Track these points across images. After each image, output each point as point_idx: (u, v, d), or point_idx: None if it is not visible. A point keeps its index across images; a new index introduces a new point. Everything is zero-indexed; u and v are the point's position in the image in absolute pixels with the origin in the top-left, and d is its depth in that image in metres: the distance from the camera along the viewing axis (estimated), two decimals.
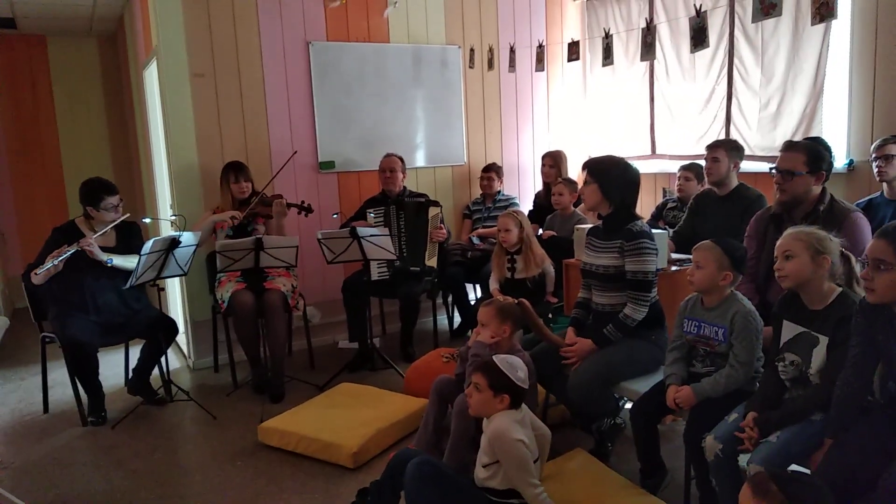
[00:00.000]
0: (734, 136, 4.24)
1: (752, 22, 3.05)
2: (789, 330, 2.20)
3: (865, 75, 3.57)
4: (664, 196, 4.77)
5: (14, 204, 6.69)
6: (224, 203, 4.19)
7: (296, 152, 4.50)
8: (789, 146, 2.73)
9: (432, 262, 4.48)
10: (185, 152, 4.37)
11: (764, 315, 2.42)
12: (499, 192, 5.12)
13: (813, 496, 1.52)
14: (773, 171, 2.72)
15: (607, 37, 4.19)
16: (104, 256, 3.63)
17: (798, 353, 2.15)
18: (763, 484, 1.52)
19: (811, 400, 2.05)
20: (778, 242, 2.18)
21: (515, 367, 2.30)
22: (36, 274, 3.46)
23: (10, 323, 3.29)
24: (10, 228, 6.67)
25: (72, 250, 3.50)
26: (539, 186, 5.39)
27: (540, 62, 4.98)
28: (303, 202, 4.19)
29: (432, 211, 4.45)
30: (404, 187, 4.69)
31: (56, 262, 3.43)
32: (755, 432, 2.04)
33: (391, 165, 4.57)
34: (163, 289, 3.84)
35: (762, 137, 4.14)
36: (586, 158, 5.54)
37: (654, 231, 2.88)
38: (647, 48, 3.68)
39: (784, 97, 3.97)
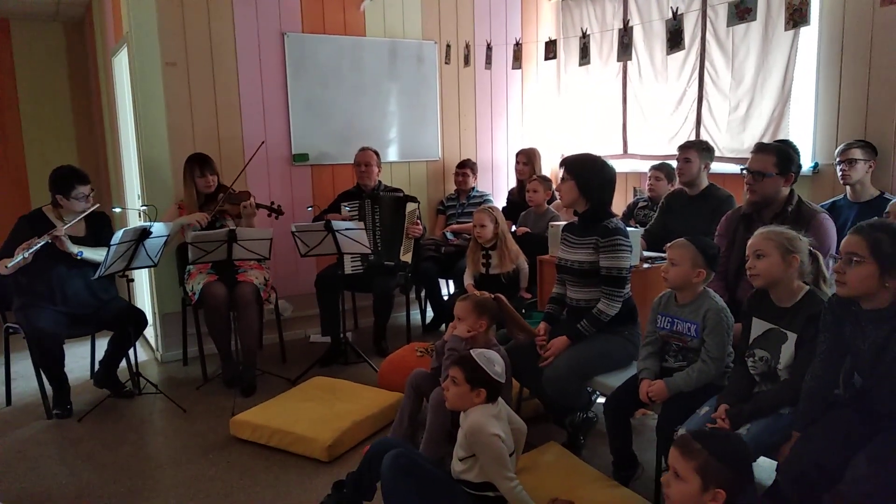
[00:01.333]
0: (704, 137, 4.33)
1: (728, 26, 3.13)
2: (758, 327, 2.26)
3: (831, 81, 3.68)
4: (635, 195, 4.85)
5: None
6: (188, 198, 4.09)
7: (263, 143, 4.45)
8: (760, 148, 2.81)
9: (407, 257, 4.49)
10: (155, 142, 4.29)
11: (734, 312, 2.48)
12: (473, 188, 5.15)
13: (732, 448, 1.64)
14: (745, 171, 2.80)
15: (584, 36, 4.23)
16: (74, 249, 3.55)
17: (767, 349, 2.21)
18: (687, 444, 1.62)
19: (780, 394, 2.12)
20: (749, 242, 2.24)
21: (493, 361, 2.32)
22: (6, 267, 3.36)
23: None
24: None
25: (42, 242, 3.40)
26: (513, 183, 5.43)
27: (517, 60, 5.02)
28: (272, 203, 4.14)
29: (410, 206, 4.45)
30: (379, 181, 4.68)
31: (27, 255, 3.34)
32: (726, 423, 2.10)
33: (366, 160, 4.56)
34: (132, 279, 3.78)
35: (731, 139, 4.24)
36: (559, 156, 5.68)
37: (627, 229, 2.93)
38: (624, 49, 3.74)
39: (753, 100, 4.07)
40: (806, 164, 3.76)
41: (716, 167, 3.96)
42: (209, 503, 2.73)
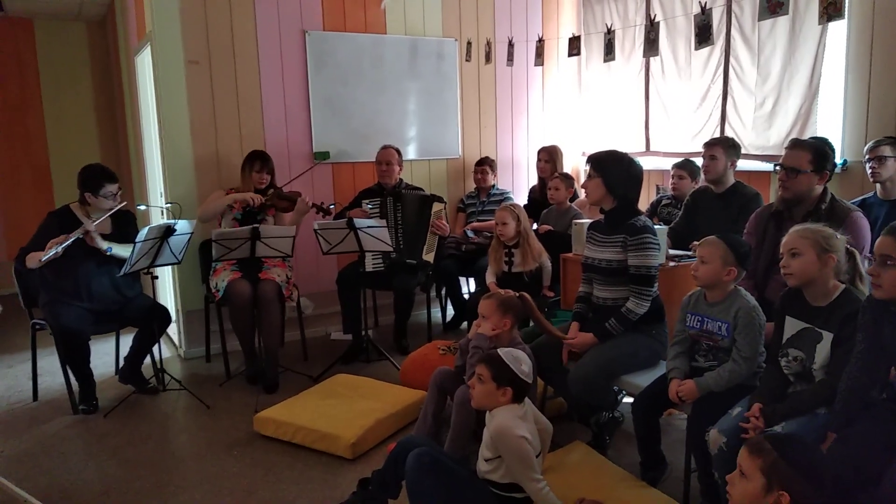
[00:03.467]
0: (729, 134, 4.27)
1: (759, 20, 3.08)
2: (792, 326, 2.22)
3: (861, 76, 3.61)
4: (658, 193, 4.80)
5: None
6: (244, 188, 4.17)
7: (313, 166, 4.58)
8: (795, 144, 2.76)
9: (429, 256, 4.47)
10: (178, 140, 4.32)
11: (763, 311, 2.44)
12: (493, 185, 5.12)
13: (804, 453, 1.61)
14: (778, 167, 2.75)
15: (609, 32, 4.20)
16: (104, 244, 3.59)
17: (801, 348, 2.17)
18: (758, 443, 1.61)
19: (817, 394, 2.08)
20: (783, 240, 2.20)
21: (520, 360, 2.30)
22: (40, 260, 3.39)
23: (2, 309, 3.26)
24: None
25: (74, 237, 3.44)
26: (533, 181, 5.40)
27: (539, 56, 4.99)
28: (322, 203, 4.19)
29: (436, 206, 4.44)
30: (400, 179, 4.67)
31: (59, 249, 3.37)
32: (760, 422, 2.07)
33: (388, 158, 4.55)
34: (156, 277, 3.81)
35: (757, 136, 4.18)
36: (581, 154, 5.64)
37: (655, 227, 2.89)
38: (650, 44, 3.69)
39: (780, 97, 4.01)
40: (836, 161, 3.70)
41: (741, 164, 3.90)
42: (234, 499, 2.73)
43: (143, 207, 5.09)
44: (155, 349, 3.84)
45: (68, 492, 2.81)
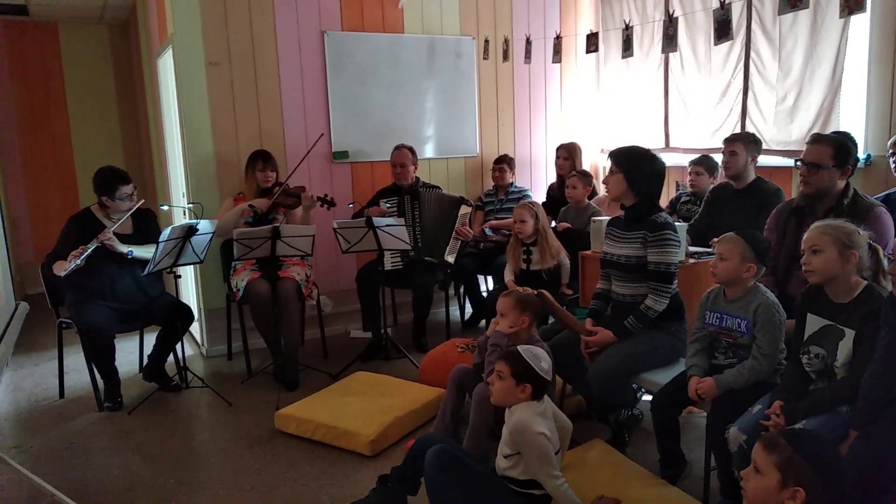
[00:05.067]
0: (750, 129, 4.22)
1: (779, 14, 3.04)
2: (814, 323, 2.20)
3: (884, 70, 3.56)
4: (677, 190, 4.77)
5: (25, 191, 6.71)
6: (249, 190, 4.21)
7: (322, 135, 4.50)
8: (817, 139, 2.73)
9: (451, 258, 4.47)
10: (200, 141, 4.37)
11: (784, 308, 2.42)
12: (511, 183, 5.12)
13: (820, 449, 1.60)
14: (799, 163, 2.72)
15: (628, 28, 4.17)
16: (124, 249, 3.64)
17: (823, 346, 2.15)
18: (773, 439, 1.61)
19: (838, 392, 2.06)
20: (805, 236, 2.18)
21: (539, 357, 2.30)
22: (62, 272, 3.47)
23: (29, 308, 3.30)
24: (22, 215, 6.69)
25: (93, 247, 3.50)
26: (552, 178, 5.39)
27: (557, 54, 4.97)
28: (325, 195, 4.20)
29: (464, 209, 4.45)
30: (417, 178, 4.69)
31: (79, 262, 3.44)
32: (781, 419, 2.05)
33: (402, 160, 4.56)
34: (179, 276, 3.86)
35: (778, 131, 4.13)
36: (600, 151, 5.61)
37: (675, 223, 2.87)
38: (669, 40, 3.67)
39: (801, 91, 3.96)
40: (859, 155, 3.65)
41: (762, 160, 3.85)
42: (256, 495, 2.77)
43: (165, 208, 5.17)
44: (178, 347, 3.89)
45: (93, 487, 2.87)
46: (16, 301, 5.65)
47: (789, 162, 3.93)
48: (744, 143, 3.58)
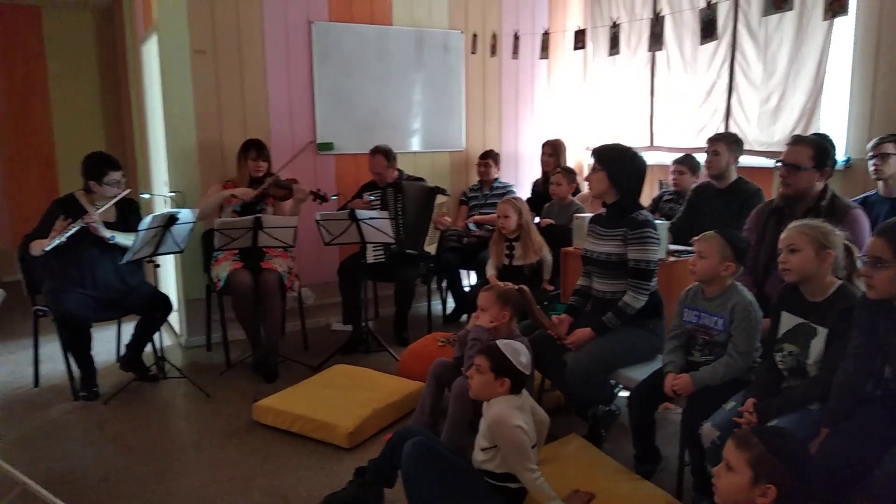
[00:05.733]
0: (733, 130, 4.25)
1: (763, 16, 3.07)
2: (788, 321, 2.23)
3: (866, 73, 3.59)
4: (661, 188, 4.79)
5: (4, 177, 6.60)
6: (240, 178, 4.16)
7: (311, 142, 4.52)
8: (797, 140, 2.75)
9: (431, 248, 4.48)
10: (183, 129, 4.33)
11: (762, 307, 2.44)
12: (496, 179, 5.12)
13: (791, 446, 1.60)
14: (779, 164, 2.74)
15: (614, 26, 4.18)
16: (107, 233, 3.60)
17: (796, 343, 2.18)
18: (745, 437, 1.61)
19: (810, 390, 2.09)
20: (782, 235, 2.20)
21: (518, 352, 2.31)
22: (43, 250, 3.42)
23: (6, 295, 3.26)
24: (0, 202, 6.58)
25: (77, 227, 3.46)
26: (537, 174, 5.40)
27: (544, 50, 4.97)
28: (318, 190, 4.18)
29: (440, 199, 4.44)
30: (400, 171, 4.68)
31: (62, 239, 3.40)
32: (754, 417, 2.07)
33: (377, 169, 4.52)
34: (158, 265, 3.83)
35: (761, 132, 4.17)
36: (585, 148, 5.62)
37: (656, 221, 2.89)
38: (656, 39, 3.68)
39: (785, 92, 3.99)
40: (838, 157, 3.69)
41: (745, 160, 3.88)
42: (232, 486, 2.76)
43: (146, 196, 5.11)
44: (156, 337, 3.86)
45: (67, 477, 2.84)
46: None
47: (771, 162, 3.96)
48: (726, 143, 3.61)
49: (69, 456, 3.03)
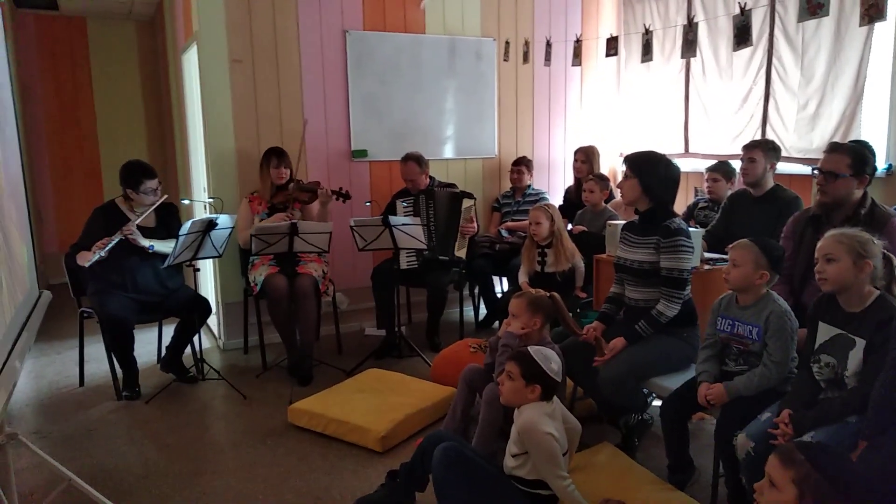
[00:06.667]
0: (770, 136, 4.20)
1: (798, 21, 3.02)
2: (825, 332, 2.19)
3: None
4: (696, 195, 4.75)
5: (52, 183, 6.84)
6: (263, 188, 4.26)
7: (307, 121, 4.54)
8: (834, 147, 2.72)
9: (461, 252, 4.51)
10: (222, 137, 4.44)
11: (799, 317, 2.42)
12: (529, 185, 5.13)
13: (839, 465, 1.55)
14: (816, 171, 2.71)
15: (647, 33, 4.17)
16: (146, 243, 3.71)
17: (834, 355, 2.14)
18: (790, 453, 1.55)
19: (848, 402, 2.05)
20: (819, 245, 2.17)
21: (549, 358, 2.32)
22: (85, 264, 3.55)
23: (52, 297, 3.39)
24: (48, 207, 6.82)
25: (116, 239, 3.58)
26: (570, 181, 5.39)
27: (577, 56, 4.97)
28: (341, 189, 4.24)
29: (466, 203, 4.47)
30: (432, 178, 4.72)
31: (103, 253, 3.52)
32: (790, 429, 2.05)
33: (410, 175, 4.57)
34: (198, 269, 3.92)
35: (799, 139, 4.10)
36: (618, 155, 5.60)
37: (690, 229, 2.87)
38: (689, 45, 3.66)
39: (823, 99, 3.93)
40: (879, 165, 3.61)
41: (783, 167, 3.84)
42: (267, 487, 2.82)
43: (186, 202, 5.25)
44: (195, 340, 3.96)
45: (110, 474, 2.93)
46: (39, 290, 5.77)
47: (809, 170, 3.90)
48: (763, 150, 3.56)
49: (112, 453, 3.13)
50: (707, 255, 3.47)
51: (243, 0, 4.40)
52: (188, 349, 4.02)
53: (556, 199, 5.34)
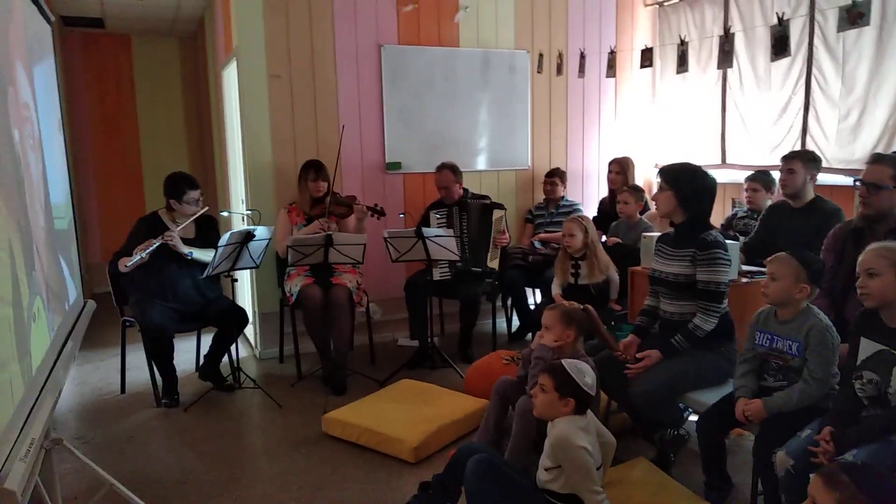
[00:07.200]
0: (811, 147, 4.13)
1: (838, 31, 2.98)
2: (867, 347, 2.14)
3: None
4: (733, 207, 4.68)
5: (96, 195, 7.05)
6: (301, 200, 4.33)
7: (343, 126, 4.59)
8: (876, 159, 2.66)
9: (494, 263, 4.51)
10: (260, 150, 4.53)
11: (840, 332, 2.36)
12: (562, 197, 5.12)
13: (882, 485, 1.51)
14: (858, 183, 2.65)
15: (683, 44, 4.14)
16: (185, 250, 3.81)
17: (877, 371, 2.09)
18: (834, 474, 1.52)
19: (892, 419, 2.00)
20: (860, 259, 2.13)
21: (584, 372, 2.31)
22: (126, 266, 3.65)
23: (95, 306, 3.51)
24: (91, 218, 7.03)
25: (157, 243, 3.69)
26: (604, 192, 5.36)
27: (611, 68, 4.96)
28: (376, 205, 4.29)
29: (496, 214, 4.48)
30: (465, 189, 4.74)
31: (143, 255, 3.62)
32: (831, 447, 2.00)
33: (444, 183, 4.60)
34: (236, 280, 4.00)
35: (840, 149, 4.02)
36: (653, 166, 5.55)
37: (726, 242, 2.83)
38: (725, 56, 3.62)
39: (865, 108, 3.85)
40: None
41: (824, 179, 3.76)
42: (302, 495, 2.85)
43: (225, 214, 5.36)
44: (232, 349, 4.03)
45: (149, 479, 3.00)
46: (84, 299, 5.94)
47: (850, 181, 3.82)
48: (802, 160, 3.50)
49: (151, 459, 3.20)
50: (745, 267, 3.41)
51: (281, 17, 4.50)
52: (225, 358, 4.09)
53: (590, 211, 5.31)
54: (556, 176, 5.09)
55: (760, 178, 4.08)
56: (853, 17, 2.69)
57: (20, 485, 1.61)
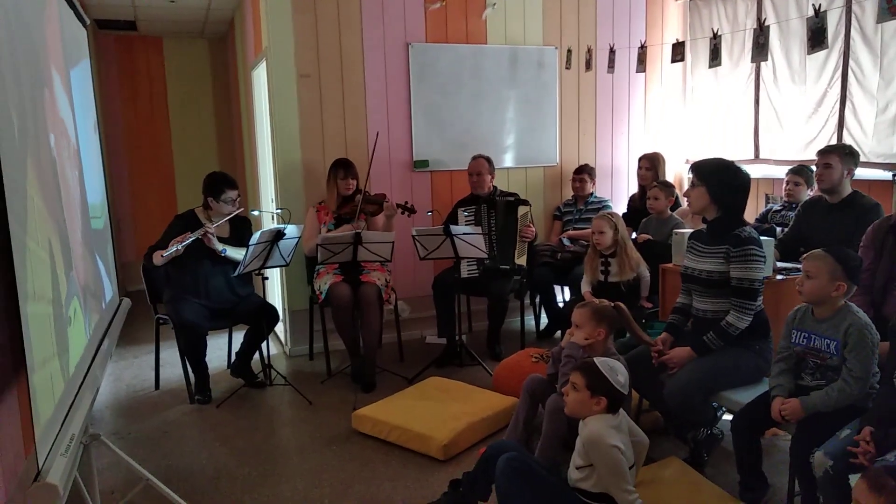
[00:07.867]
0: (847, 141, 4.03)
1: (877, 22, 2.90)
2: None
3: None
4: (767, 203, 4.59)
5: (130, 195, 7.18)
6: (330, 198, 4.36)
7: (378, 133, 4.60)
8: None
9: (521, 260, 4.50)
10: (289, 149, 4.57)
11: (879, 329, 2.30)
12: (591, 193, 5.07)
13: None
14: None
15: (715, 37, 4.07)
16: (219, 246, 3.87)
17: None
18: (880, 478, 1.50)
19: None
20: None
21: (616, 371, 2.29)
22: (162, 256, 3.72)
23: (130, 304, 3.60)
24: (126, 217, 7.16)
25: (194, 236, 3.75)
26: (633, 189, 5.30)
27: (641, 63, 4.90)
28: (406, 202, 4.31)
29: (521, 209, 4.46)
30: (494, 187, 4.73)
31: (180, 247, 3.68)
32: (871, 447, 1.95)
33: (478, 169, 4.60)
34: (266, 278, 4.05)
35: (878, 143, 3.92)
36: (684, 161, 5.48)
37: (761, 238, 2.78)
38: (759, 49, 3.55)
39: None
40: None
41: (861, 173, 3.67)
42: (332, 491, 2.87)
43: (255, 212, 5.42)
44: (263, 346, 4.08)
45: (183, 474, 3.05)
46: (119, 298, 6.06)
47: (889, 175, 3.72)
48: (839, 155, 3.42)
49: (185, 455, 3.26)
50: (780, 264, 3.35)
51: (310, 17, 4.53)
52: (256, 355, 4.14)
53: (619, 207, 5.25)
54: (584, 172, 5.05)
55: (803, 171, 4.00)
56: (893, 9, 2.62)
57: (62, 479, 1.65)
